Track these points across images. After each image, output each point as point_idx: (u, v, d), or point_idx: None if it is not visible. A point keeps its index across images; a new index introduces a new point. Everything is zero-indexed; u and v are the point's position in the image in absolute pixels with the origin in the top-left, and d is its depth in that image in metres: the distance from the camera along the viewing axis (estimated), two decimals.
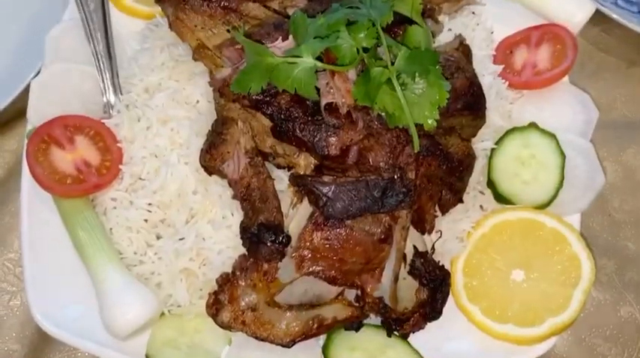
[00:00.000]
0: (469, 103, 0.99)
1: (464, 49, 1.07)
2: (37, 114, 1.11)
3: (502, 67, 1.19)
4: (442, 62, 1.02)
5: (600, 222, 1.24)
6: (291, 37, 0.94)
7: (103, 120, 1.12)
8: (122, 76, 1.17)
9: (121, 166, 1.08)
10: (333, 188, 0.92)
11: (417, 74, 0.91)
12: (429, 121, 0.92)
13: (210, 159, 0.97)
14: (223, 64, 1.00)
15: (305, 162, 0.98)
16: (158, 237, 1.05)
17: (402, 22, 1.01)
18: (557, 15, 1.21)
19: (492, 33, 1.27)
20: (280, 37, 0.96)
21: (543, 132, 1.10)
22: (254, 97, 0.93)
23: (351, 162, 0.95)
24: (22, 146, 1.22)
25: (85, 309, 1.01)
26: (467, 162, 1.01)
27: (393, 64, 0.91)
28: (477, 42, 1.21)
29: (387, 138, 0.94)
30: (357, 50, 0.92)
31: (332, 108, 0.93)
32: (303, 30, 0.93)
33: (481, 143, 1.11)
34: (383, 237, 0.94)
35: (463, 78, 1.01)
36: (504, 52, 1.23)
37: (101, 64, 1.14)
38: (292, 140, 0.95)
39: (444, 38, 1.18)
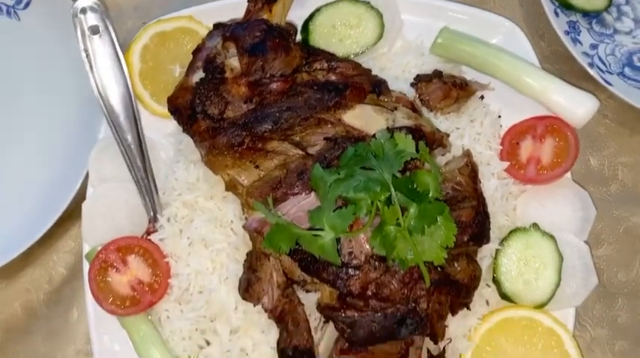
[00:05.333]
0: (474, 234, 1.11)
1: (470, 170, 1.17)
2: (91, 234, 1.27)
3: (508, 163, 1.29)
4: (450, 193, 1.14)
5: (596, 292, 1.35)
6: (313, 194, 1.06)
7: (150, 234, 1.27)
8: (160, 187, 1.30)
9: (169, 280, 1.24)
10: (355, 320, 1.08)
11: (426, 227, 1.03)
12: (438, 258, 1.05)
13: (249, 297, 1.12)
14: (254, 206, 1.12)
15: (330, 289, 1.12)
16: (208, 343, 1.23)
17: (412, 158, 1.11)
18: (560, 110, 1.28)
19: (500, 117, 1.35)
20: (304, 191, 1.08)
21: (544, 234, 1.22)
22: None
23: (369, 293, 1.09)
24: (78, 245, 1.40)
25: None
26: (473, 284, 1.14)
27: (403, 211, 1.03)
28: (484, 138, 1.30)
29: (402, 276, 1.07)
30: (372, 202, 1.04)
31: (352, 255, 1.06)
32: (324, 189, 1.04)
33: (487, 244, 1.23)
34: (400, 356, 1.10)
35: (469, 208, 1.12)
36: (511, 141, 1.31)
37: (142, 187, 1.27)
38: (318, 278, 1.09)
39: (454, 139, 1.28)
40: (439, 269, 1.09)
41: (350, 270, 1.07)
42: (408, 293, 1.08)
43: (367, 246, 1.06)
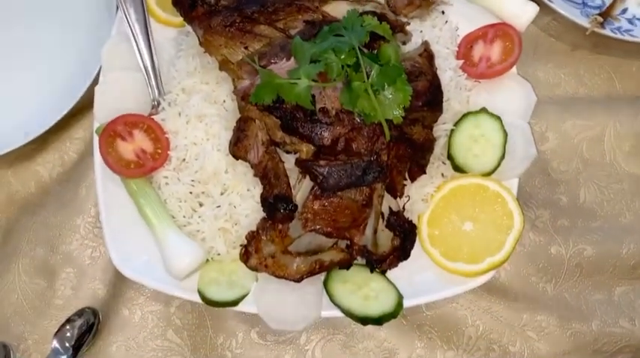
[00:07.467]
0: (428, 101, 1.31)
1: (427, 55, 1.38)
2: (101, 114, 1.45)
3: (462, 61, 1.50)
4: (408, 68, 1.34)
5: (541, 180, 1.57)
6: (293, 58, 1.27)
7: (152, 116, 1.46)
8: (163, 79, 1.50)
9: (169, 152, 1.43)
10: (327, 169, 1.26)
11: (386, 84, 1.23)
12: (397, 117, 1.26)
13: (237, 150, 1.31)
14: (243, 76, 1.33)
15: (307, 149, 1.31)
16: (201, 205, 1.41)
17: (377, 38, 1.32)
18: (507, 16, 1.50)
19: (457, 29, 1.57)
20: (285, 58, 1.28)
21: (491, 115, 1.42)
22: (267, 104, 1.26)
23: (339, 149, 1.28)
24: (89, 134, 1.59)
25: (150, 258, 1.39)
26: (427, 145, 1.34)
27: (368, 76, 1.24)
28: (442, 41, 1.51)
29: (366, 131, 1.27)
30: (342, 66, 1.25)
31: (324, 110, 1.26)
32: (302, 53, 1.25)
33: (443, 125, 1.43)
34: (365, 203, 1.29)
35: (424, 81, 1.32)
36: (466, 46, 1.52)
37: (148, 72, 1.47)
38: (296, 134, 1.28)
39: (416, 38, 1.49)
40: (398, 128, 1.29)
41: (323, 126, 1.27)
42: (372, 146, 1.27)
43: (337, 103, 1.25)
